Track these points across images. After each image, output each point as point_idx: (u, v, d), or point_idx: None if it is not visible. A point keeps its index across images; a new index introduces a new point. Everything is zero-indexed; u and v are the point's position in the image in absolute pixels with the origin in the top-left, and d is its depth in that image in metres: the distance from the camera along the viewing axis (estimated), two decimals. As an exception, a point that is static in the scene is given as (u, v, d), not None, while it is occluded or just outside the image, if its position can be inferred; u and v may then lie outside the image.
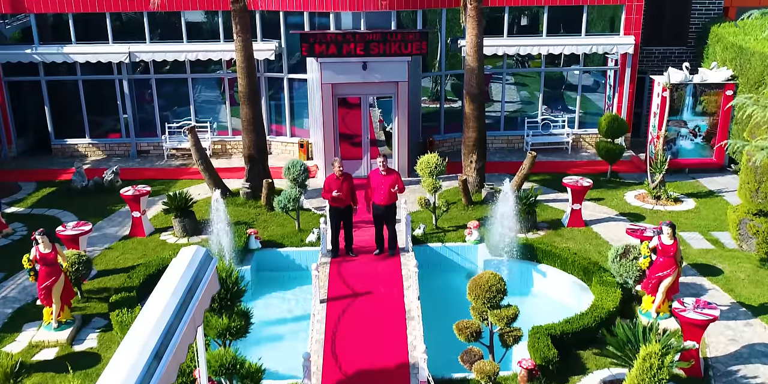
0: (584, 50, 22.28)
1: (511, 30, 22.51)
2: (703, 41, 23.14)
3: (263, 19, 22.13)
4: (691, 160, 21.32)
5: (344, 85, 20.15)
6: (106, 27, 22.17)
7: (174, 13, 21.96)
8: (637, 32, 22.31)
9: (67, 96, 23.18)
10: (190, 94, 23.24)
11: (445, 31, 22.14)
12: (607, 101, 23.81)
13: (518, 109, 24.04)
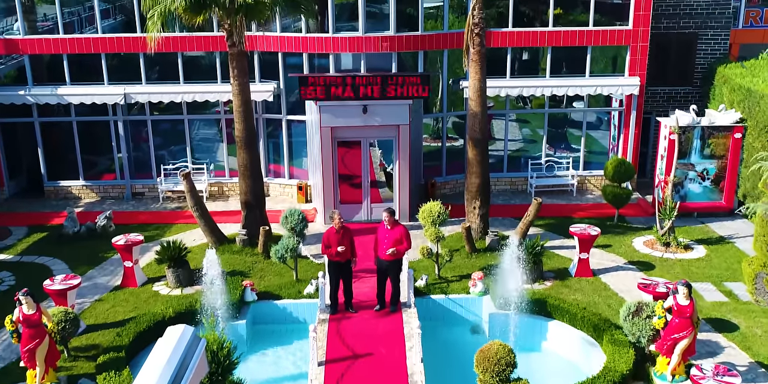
0: (588, 91, 21.85)
1: (514, 70, 22.09)
2: (708, 82, 22.73)
3: (262, 60, 21.74)
4: (699, 203, 20.78)
5: (344, 128, 19.69)
6: (101, 67, 21.76)
7: (171, 53, 21.54)
8: (642, 73, 21.90)
9: (61, 137, 22.70)
10: (186, 134, 22.76)
11: (446, 72, 21.73)
12: (612, 141, 23.34)
13: (521, 147, 23.55)
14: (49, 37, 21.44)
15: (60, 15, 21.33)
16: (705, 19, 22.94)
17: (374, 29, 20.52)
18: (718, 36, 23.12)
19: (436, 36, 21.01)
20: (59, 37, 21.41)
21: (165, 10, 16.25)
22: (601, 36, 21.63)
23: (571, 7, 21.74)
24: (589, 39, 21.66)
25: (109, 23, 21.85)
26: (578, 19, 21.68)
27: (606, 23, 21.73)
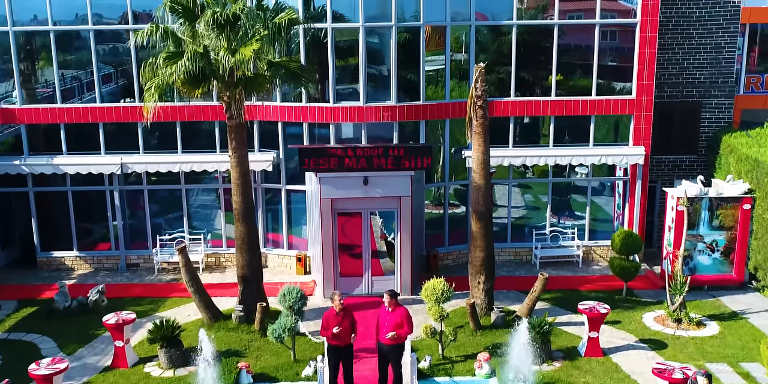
0: (593, 161, 21.51)
1: (516, 139, 21.80)
2: (714, 150, 22.44)
3: (261, 129, 21.46)
4: (709, 276, 20.20)
5: (344, 200, 19.28)
6: (98, 136, 21.46)
7: (169, 122, 21.27)
8: (647, 143, 21.61)
9: (55, 206, 22.25)
10: (184, 203, 22.31)
11: (448, 141, 21.44)
12: (617, 210, 22.90)
13: (524, 215, 23.08)
14: (46, 106, 21.21)
15: (58, 83, 21.15)
16: (708, 88, 22.79)
17: (375, 97, 20.30)
18: (722, 104, 22.94)
19: (438, 106, 20.80)
20: (57, 106, 21.19)
21: (163, 83, 16.00)
22: (605, 105, 21.43)
23: (572, 72, 21.55)
24: (592, 108, 21.45)
25: (109, 88, 21.68)
26: (579, 84, 21.47)
27: (609, 90, 21.53)
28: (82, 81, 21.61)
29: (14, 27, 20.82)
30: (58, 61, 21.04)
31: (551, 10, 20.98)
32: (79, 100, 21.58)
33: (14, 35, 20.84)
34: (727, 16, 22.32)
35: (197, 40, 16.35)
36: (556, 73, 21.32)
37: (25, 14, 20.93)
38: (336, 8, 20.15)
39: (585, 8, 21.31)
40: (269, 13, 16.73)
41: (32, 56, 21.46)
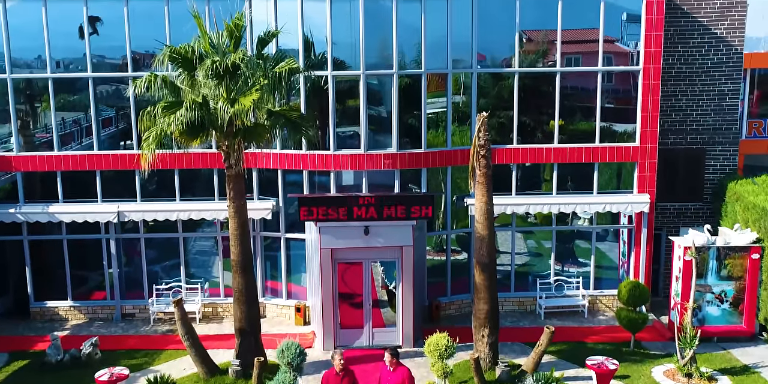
0: (597, 209, 21.19)
1: (519, 184, 21.49)
2: (719, 198, 22.12)
3: (261, 177, 21.17)
4: (719, 327, 19.72)
5: (345, 250, 18.89)
6: (95, 184, 21.15)
7: (167, 170, 20.98)
8: (652, 190, 21.31)
9: (50, 255, 21.83)
10: (181, 251, 21.90)
11: (450, 189, 21.14)
12: (622, 258, 22.49)
13: (527, 262, 22.66)
14: (43, 154, 20.95)
15: (56, 129, 20.92)
16: (712, 135, 22.58)
17: (376, 141, 20.11)
18: (727, 151, 22.71)
19: (440, 153, 20.55)
20: (54, 153, 20.92)
21: (161, 133, 15.75)
22: (608, 152, 21.18)
23: (574, 116, 21.39)
24: (595, 155, 21.20)
25: (110, 131, 21.47)
26: (581, 128, 21.27)
27: (612, 134, 21.33)
28: (82, 125, 21.39)
29: (12, 74, 20.66)
30: (56, 106, 20.84)
31: (552, 54, 20.87)
32: (78, 145, 21.34)
33: (12, 82, 20.67)
34: (730, 63, 22.22)
35: (196, 89, 16.15)
36: (559, 118, 21.09)
37: (25, 53, 20.82)
38: (337, 55, 20.05)
39: (585, 51, 21.23)
40: (269, 62, 16.57)
41: (31, 101, 21.27)
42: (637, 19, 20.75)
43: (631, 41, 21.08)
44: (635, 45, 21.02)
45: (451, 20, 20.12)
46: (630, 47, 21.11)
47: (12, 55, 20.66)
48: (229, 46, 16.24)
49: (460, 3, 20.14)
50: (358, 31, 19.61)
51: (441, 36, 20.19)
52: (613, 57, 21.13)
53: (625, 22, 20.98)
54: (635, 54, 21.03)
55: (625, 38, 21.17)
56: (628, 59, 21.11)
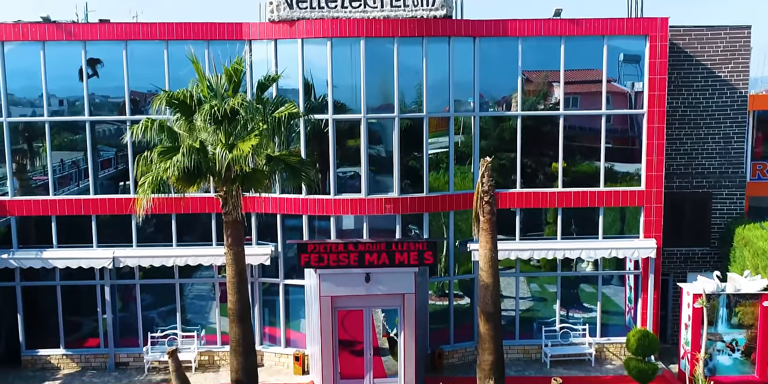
0: (603, 254, 20.74)
1: (522, 227, 21.06)
2: (727, 243, 21.69)
3: (259, 221, 20.77)
4: (731, 377, 19.13)
5: (345, 297, 18.43)
6: (90, 229, 20.73)
7: (164, 214, 20.57)
8: (658, 235, 20.89)
9: (43, 302, 21.31)
10: (177, 298, 21.38)
11: (453, 234, 20.72)
12: (628, 303, 21.97)
13: (531, 306, 22.12)
14: (38, 198, 20.58)
15: (51, 173, 20.59)
16: (718, 179, 22.24)
17: (377, 183, 19.82)
18: (733, 195, 22.34)
19: (442, 198, 20.19)
20: (49, 198, 20.55)
21: (157, 179, 15.39)
22: (613, 197, 20.83)
23: (578, 157, 21.12)
24: (600, 200, 20.84)
25: (109, 173, 21.17)
26: (585, 170, 20.97)
27: (617, 176, 21.00)
28: (81, 167, 21.06)
29: (9, 117, 20.39)
30: (56, 146, 20.60)
31: (553, 95, 20.65)
32: (77, 186, 20.99)
33: (8, 126, 20.40)
34: (735, 106, 21.99)
35: (194, 134, 15.84)
36: (563, 161, 20.77)
37: (27, 92, 20.61)
38: (337, 98, 19.86)
39: (583, 91, 21.03)
40: (269, 107, 16.30)
41: (29, 142, 20.97)
42: (634, 59, 20.64)
43: (628, 81, 20.90)
44: (632, 85, 20.84)
45: (453, 63, 19.93)
46: (627, 87, 20.93)
47: (13, 94, 20.47)
48: (228, 90, 15.98)
49: (461, 45, 19.98)
50: (359, 73, 19.44)
51: (442, 78, 19.99)
52: (611, 97, 20.92)
53: (622, 63, 20.83)
54: (633, 94, 20.85)
55: (622, 78, 21.00)
56: (626, 99, 20.94)
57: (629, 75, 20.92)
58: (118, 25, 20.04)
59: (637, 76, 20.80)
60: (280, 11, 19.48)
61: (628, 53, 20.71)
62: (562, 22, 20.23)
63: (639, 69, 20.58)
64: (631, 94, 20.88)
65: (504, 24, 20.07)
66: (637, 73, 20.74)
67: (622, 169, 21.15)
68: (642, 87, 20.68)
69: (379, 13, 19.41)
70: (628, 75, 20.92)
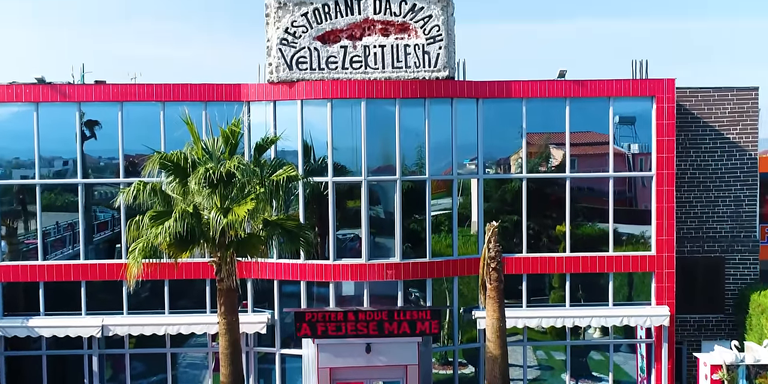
0: (614, 322, 19.91)
1: (528, 292, 20.24)
2: (742, 310, 20.86)
3: (255, 288, 19.98)
4: (753, 455, 18.02)
5: (344, 369, 17.53)
6: (79, 295, 19.93)
7: (156, 280, 19.78)
8: (671, 302, 20.08)
9: (28, 372, 20.38)
10: (168, 369, 20.40)
11: (457, 301, 19.91)
12: (640, 373, 20.98)
13: (538, 376, 21.12)
14: (26, 263, 19.88)
15: (40, 237, 19.91)
16: (731, 243, 21.57)
17: (378, 247, 19.16)
18: (747, 260, 21.63)
19: (445, 263, 19.48)
20: (37, 263, 19.82)
21: (148, 246, 14.69)
22: (623, 262, 20.10)
23: (586, 220, 20.54)
24: (609, 265, 20.11)
25: (105, 236, 20.58)
26: (593, 232, 20.35)
27: (626, 239, 20.37)
28: (75, 229, 20.37)
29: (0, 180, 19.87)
30: (51, 207, 20.00)
31: (558, 157, 20.17)
32: (71, 249, 20.27)
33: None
34: (744, 168, 21.50)
35: (188, 197, 15.21)
36: (568, 223, 20.10)
37: (21, 154, 20.14)
38: (337, 160, 19.40)
39: (581, 154, 20.66)
40: (267, 169, 15.72)
41: (21, 205, 20.36)
42: (641, 120, 20.24)
43: (634, 143, 20.46)
44: (639, 147, 20.40)
45: (456, 124, 19.51)
46: (634, 149, 20.47)
47: (6, 155, 20.05)
48: (224, 152, 15.44)
49: (464, 107, 19.59)
50: (359, 135, 19.01)
51: (445, 140, 19.55)
52: (618, 158, 20.44)
53: (618, 125, 20.44)
54: (641, 156, 20.36)
55: (618, 140, 20.55)
56: (624, 160, 20.44)
57: (636, 136, 20.52)
58: (113, 86, 19.68)
59: (644, 138, 20.38)
60: (280, 72, 19.15)
61: (634, 115, 20.34)
62: (566, 84, 19.88)
63: (646, 131, 20.15)
64: (638, 156, 20.40)
65: (507, 85, 19.72)
66: (644, 135, 20.32)
67: (630, 230, 20.51)
68: (650, 148, 20.20)
69: (380, 74, 19.09)
70: (635, 136, 20.52)
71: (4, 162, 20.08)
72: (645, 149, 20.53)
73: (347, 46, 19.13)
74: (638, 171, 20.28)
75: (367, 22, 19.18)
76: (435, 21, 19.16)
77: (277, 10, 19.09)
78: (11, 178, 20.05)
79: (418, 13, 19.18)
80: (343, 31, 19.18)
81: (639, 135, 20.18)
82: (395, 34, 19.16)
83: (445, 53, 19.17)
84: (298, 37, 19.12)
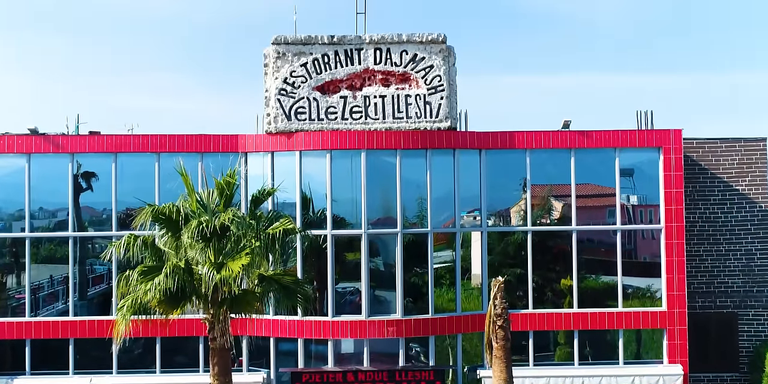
0: (625, 382, 19.02)
1: (537, 356, 19.44)
2: (757, 368, 20.02)
3: (251, 345, 19.20)
4: None
5: (343, 434, 16.60)
6: (67, 353, 19.12)
7: (148, 337, 18.99)
8: (684, 360, 19.28)
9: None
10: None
11: (461, 359, 19.09)
12: (654, 437, 19.98)
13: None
14: (12, 320, 19.15)
15: (28, 292, 19.23)
16: (744, 298, 20.87)
17: (378, 301, 18.54)
18: (761, 316, 20.87)
19: (449, 319, 18.79)
20: (24, 320, 19.08)
21: (136, 303, 13.99)
22: (633, 318, 19.38)
23: (593, 272, 19.99)
24: (619, 322, 19.38)
25: (100, 289, 20.00)
26: (592, 285, 19.77)
27: (629, 295, 19.72)
28: (75, 281, 19.68)
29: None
30: (44, 259, 19.42)
31: (562, 208, 19.63)
32: (63, 303, 19.56)
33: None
34: (755, 220, 20.93)
35: (180, 251, 14.56)
36: (574, 277, 19.42)
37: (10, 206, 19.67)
38: (337, 212, 18.90)
39: (599, 205, 20.20)
40: (263, 222, 15.11)
41: (14, 258, 19.71)
42: (629, 172, 19.80)
43: (623, 194, 19.93)
44: (627, 198, 19.90)
45: (458, 176, 19.05)
46: (624, 200, 19.92)
47: (6, 207, 19.66)
48: (219, 205, 14.86)
49: (467, 158, 19.15)
50: (359, 187, 18.53)
51: (447, 191, 19.12)
52: (628, 210, 19.96)
53: (634, 176, 19.99)
54: (630, 207, 19.85)
55: (635, 191, 20.08)
56: (624, 212, 19.89)
57: (635, 188, 20.03)
58: (108, 137, 19.28)
59: (643, 190, 19.92)
60: (278, 123, 18.76)
61: (633, 167, 19.89)
62: (571, 134, 19.48)
63: (645, 182, 19.69)
64: (637, 207, 19.92)
65: (511, 136, 19.32)
66: (643, 187, 19.85)
67: (634, 283, 19.90)
68: (649, 200, 19.73)
69: (381, 124, 18.70)
70: (634, 188, 20.03)
71: (5, 215, 19.54)
72: (644, 201, 20.08)
73: (347, 97, 18.79)
74: (639, 223, 19.77)
75: (367, 72, 18.88)
76: (436, 71, 18.85)
77: (276, 60, 18.81)
78: (11, 230, 19.47)
79: (419, 64, 18.89)
80: (342, 82, 18.87)
81: (638, 186, 19.70)
82: (396, 84, 18.84)
83: (447, 103, 18.81)
84: (297, 87, 18.79)
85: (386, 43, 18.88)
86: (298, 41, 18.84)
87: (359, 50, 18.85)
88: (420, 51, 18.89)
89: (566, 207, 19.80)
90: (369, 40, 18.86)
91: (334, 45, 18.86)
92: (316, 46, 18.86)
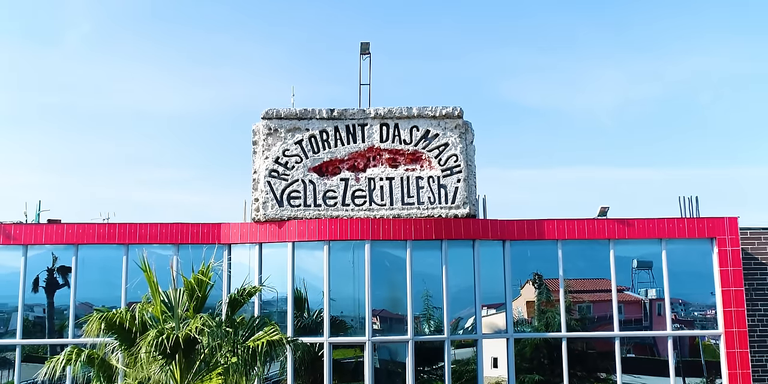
0: None
1: None
2: None
3: None
4: None
5: None
6: None
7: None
8: None
9: None
10: None
11: None
12: None
13: None
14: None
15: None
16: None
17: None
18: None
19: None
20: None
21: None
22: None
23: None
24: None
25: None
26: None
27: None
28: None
29: None
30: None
31: (601, 308, 16.75)
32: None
33: None
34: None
35: (137, 368, 11.53)
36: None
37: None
38: (335, 313, 15.96)
39: (595, 300, 17.42)
40: (243, 330, 12.16)
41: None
42: (648, 265, 17.21)
43: (641, 289, 17.13)
44: (645, 293, 17.11)
45: (479, 270, 16.22)
46: (641, 295, 17.14)
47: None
48: (188, 309, 11.93)
49: (488, 250, 16.38)
50: (363, 284, 15.71)
51: (467, 288, 16.39)
52: (624, 306, 17.05)
53: (636, 270, 17.18)
54: (647, 302, 16.98)
55: (636, 286, 17.21)
56: (640, 307, 17.20)
57: (643, 283, 17.35)
58: (68, 226, 16.55)
59: (650, 284, 17.12)
60: (268, 209, 16.08)
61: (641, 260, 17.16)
62: (609, 223, 16.74)
63: (709, 278, 16.79)
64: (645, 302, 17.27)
65: (539, 224, 16.58)
66: (705, 284, 16.94)
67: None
68: (713, 301, 16.75)
69: (388, 211, 16.02)
70: (642, 283, 17.36)
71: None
72: (661, 295, 17.20)
73: (349, 179, 16.20)
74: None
75: (372, 151, 16.37)
76: (452, 150, 16.32)
77: (267, 137, 16.32)
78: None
79: (432, 141, 16.38)
80: (344, 162, 16.34)
81: (714, 284, 16.75)
82: (405, 164, 16.29)
83: (465, 186, 16.17)
84: (291, 168, 16.21)
85: (394, 118, 16.44)
86: (292, 115, 16.40)
87: (363, 126, 16.39)
88: (433, 127, 16.41)
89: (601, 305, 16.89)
90: (374, 114, 16.44)
91: (334, 120, 16.42)
92: (313, 121, 16.41)
